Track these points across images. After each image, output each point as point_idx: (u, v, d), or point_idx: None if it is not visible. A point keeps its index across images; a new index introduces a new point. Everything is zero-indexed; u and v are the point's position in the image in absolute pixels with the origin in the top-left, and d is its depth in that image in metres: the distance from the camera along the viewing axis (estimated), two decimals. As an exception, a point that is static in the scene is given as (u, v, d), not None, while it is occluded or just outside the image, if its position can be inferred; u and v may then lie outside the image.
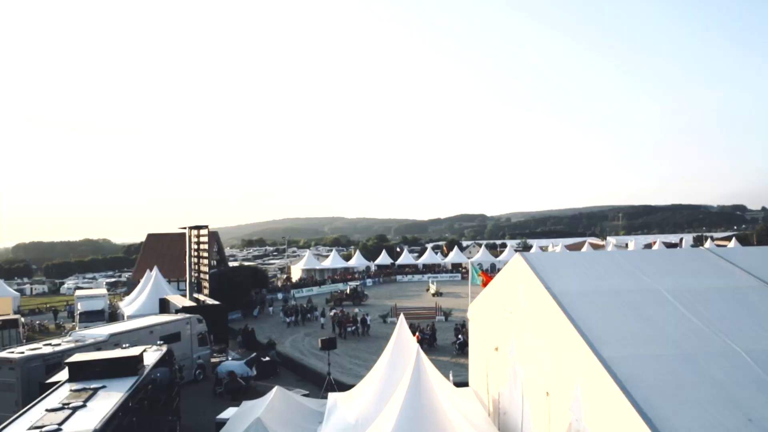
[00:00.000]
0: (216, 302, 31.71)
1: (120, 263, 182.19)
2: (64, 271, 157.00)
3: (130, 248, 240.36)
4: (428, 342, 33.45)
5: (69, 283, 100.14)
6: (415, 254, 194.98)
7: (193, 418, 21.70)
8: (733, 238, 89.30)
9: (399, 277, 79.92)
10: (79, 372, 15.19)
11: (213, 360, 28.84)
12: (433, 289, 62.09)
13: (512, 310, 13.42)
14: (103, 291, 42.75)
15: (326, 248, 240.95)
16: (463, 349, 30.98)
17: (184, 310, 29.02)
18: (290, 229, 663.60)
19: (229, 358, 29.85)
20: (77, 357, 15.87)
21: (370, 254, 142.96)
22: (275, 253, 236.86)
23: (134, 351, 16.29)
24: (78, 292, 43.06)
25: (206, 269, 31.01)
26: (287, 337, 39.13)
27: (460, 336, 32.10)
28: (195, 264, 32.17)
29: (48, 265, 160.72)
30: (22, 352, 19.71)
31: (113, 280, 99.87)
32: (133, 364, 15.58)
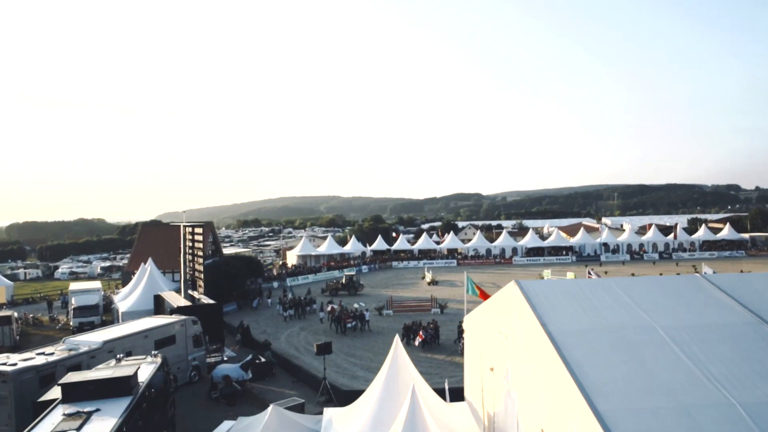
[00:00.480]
0: (211, 301, 31.60)
1: (115, 245, 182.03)
2: (58, 252, 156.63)
3: (125, 229, 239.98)
4: (431, 341, 33.10)
5: (63, 267, 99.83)
6: (411, 235, 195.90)
7: (189, 425, 21.72)
8: (727, 224, 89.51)
9: (395, 263, 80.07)
10: (73, 393, 15.10)
11: (209, 359, 28.83)
12: (428, 277, 62.20)
13: (508, 335, 13.35)
14: (97, 285, 42.54)
15: (322, 229, 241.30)
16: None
17: (179, 310, 28.90)
18: (286, 208, 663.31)
19: (225, 358, 29.91)
20: (70, 377, 15.76)
21: (366, 237, 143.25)
22: (270, 234, 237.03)
23: (128, 369, 16.18)
24: (72, 286, 42.87)
25: (201, 268, 30.83)
26: (283, 332, 39.14)
27: (463, 337, 31.94)
28: (190, 261, 31.98)
29: (42, 246, 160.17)
30: (15, 364, 19.58)
31: (108, 264, 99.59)
32: (128, 384, 15.49)
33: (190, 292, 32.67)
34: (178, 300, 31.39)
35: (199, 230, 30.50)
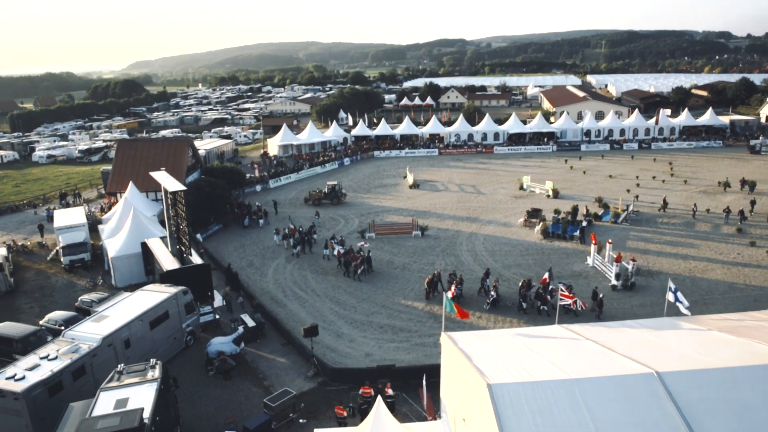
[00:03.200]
0: (200, 261, 32.39)
1: (88, 110, 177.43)
2: (31, 121, 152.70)
3: (97, 89, 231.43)
4: (459, 296, 32.77)
5: (40, 150, 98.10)
6: (393, 95, 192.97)
7: (191, 411, 23.85)
8: (710, 109, 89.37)
9: (377, 153, 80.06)
10: (87, 445, 16.72)
11: (202, 318, 30.43)
12: (410, 178, 62.94)
13: (479, 416, 14.77)
14: (83, 219, 42.61)
15: (302, 88, 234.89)
16: (496, 305, 31.99)
17: (168, 275, 29.80)
18: (263, 56, 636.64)
19: (217, 315, 31.53)
20: (83, 429, 17.19)
21: (348, 103, 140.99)
22: (249, 94, 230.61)
23: (133, 415, 17.55)
24: (57, 219, 42.85)
25: (186, 230, 31.23)
26: (270, 265, 40.58)
27: (492, 294, 32.24)
28: (173, 218, 32.27)
29: (12, 115, 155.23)
30: (23, 377, 20.89)
31: (86, 146, 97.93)
32: (137, 432, 17.07)
33: (177, 246, 33.24)
34: (166, 258, 32.12)
35: (181, 194, 30.45)
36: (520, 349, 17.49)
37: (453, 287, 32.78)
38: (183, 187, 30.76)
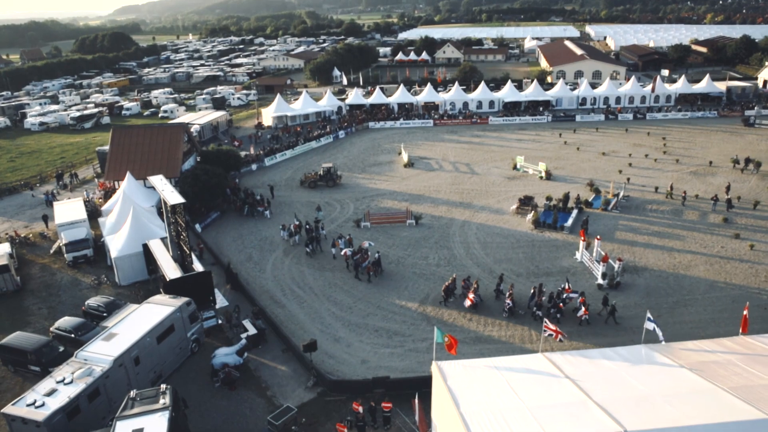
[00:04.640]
0: (201, 268, 33.27)
1: (77, 66, 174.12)
2: (18, 78, 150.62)
3: (85, 41, 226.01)
4: (479, 303, 33.54)
5: (31, 116, 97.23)
6: (388, 48, 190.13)
7: (201, 425, 25.42)
8: (707, 76, 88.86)
9: (371, 124, 79.93)
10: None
11: (206, 325, 31.76)
12: (404, 156, 63.37)
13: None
14: (83, 214, 43.10)
15: (296, 40, 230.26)
16: (512, 312, 32.64)
17: (171, 286, 30.77)
18: (255, 1, 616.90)
19: (220, 321, 32.85)
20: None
21: (342, 60, 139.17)
22: (241, 47, 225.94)
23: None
24: (58, 214, 43.35)
25: (187, 239, 32.10)
26: (268, 258, 41.66)
27: (508, 302, 32.67)
28: (175, 240, 33.13)
29: (0, 72, 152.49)
30: (42, 404, 22.34)
31: (78, 113, 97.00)
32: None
33: (178, 251, 34.16)
34: (168, 265, 33.02)
35: (180, 206, 31.15)
36: (504, 392, 18.81)
37: (471, 294, 33.39)
38: (182, 200, 31.39)
